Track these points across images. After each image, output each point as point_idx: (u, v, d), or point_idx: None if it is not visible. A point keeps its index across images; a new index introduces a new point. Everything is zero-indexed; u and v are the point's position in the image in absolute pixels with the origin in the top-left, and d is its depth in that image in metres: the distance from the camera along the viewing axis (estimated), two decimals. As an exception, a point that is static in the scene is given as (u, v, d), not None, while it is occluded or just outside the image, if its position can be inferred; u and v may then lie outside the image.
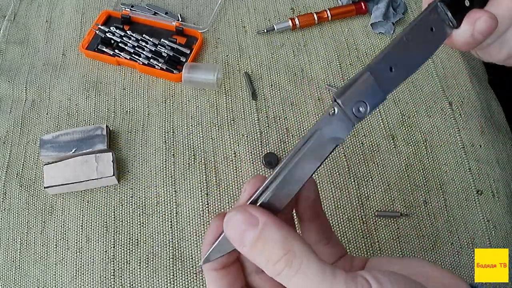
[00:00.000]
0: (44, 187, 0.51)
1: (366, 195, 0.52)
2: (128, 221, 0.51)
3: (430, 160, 0.54)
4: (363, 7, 0.66)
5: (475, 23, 0.29)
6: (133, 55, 0.61)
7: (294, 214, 0.31)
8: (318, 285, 0.23)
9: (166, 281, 0.47)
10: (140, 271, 0.48)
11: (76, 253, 0.49)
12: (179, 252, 0.49)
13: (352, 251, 0.49)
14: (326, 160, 0.27)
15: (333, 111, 0.26)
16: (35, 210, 0.52)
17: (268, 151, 0.55)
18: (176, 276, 0.48)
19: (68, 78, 0.62)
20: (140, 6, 0.68)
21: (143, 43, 0.62)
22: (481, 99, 0.60)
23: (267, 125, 0.57)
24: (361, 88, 0.27)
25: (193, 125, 0.57)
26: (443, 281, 0.26)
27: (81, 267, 0.48)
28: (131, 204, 0.52)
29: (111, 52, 0.62)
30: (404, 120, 0.57)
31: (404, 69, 0.29)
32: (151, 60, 0.61)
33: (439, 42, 0.29)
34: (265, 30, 0.65)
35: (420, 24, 0.29)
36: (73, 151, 0.53)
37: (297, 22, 0.64)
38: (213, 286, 0.27)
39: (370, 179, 0.53)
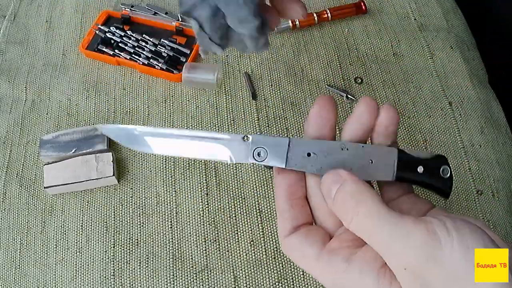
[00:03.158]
0: (44, 187, 0.51)
1: (366, 195, 0.52)
2: (128, 221, 0.51)
3: (430, 160, 0.54)
4: (363, 7, 0.66)
5: None
6: (133, 55, 0.61)
7: None
8: (387, 229, 0.25)
9: (166, 281, 0.47)
10: (140, 271, 0.48)
11: (76, 253, 0.49)
12: (179, 252, 0.49)
13: (352, 251, 0.48)
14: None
15: (247, 139, 0.32)
16: (35, 210, 0.52)
17: (268, 151, 0.55)
18: (176, 276, 0.48)
19: (68, 78, 0.62)
20: (140, 6, 0.68)
21: (143, 43, 0.62)
22: (481, 99, 0.60)
23: (267, 125, 0.57)
24: (274, 143, 0.31)
25: (193, 125, 0.57)
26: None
27: (81, 267, 0.48)
28: (131, 204, 0.52)
29: (111, 52, 0.62)
30: (404, 120, 0.57)
31: (317, 164, 0.31)
32: (151, 60, 0.61)
33: (372, 178, 0.32)
34: (265, 30, 0.65)
35: (368, 150, 0.31)
36: (73, 151, 0.53)
37: (297, 22, 0.64)
38: (281, 218, 0.31)
39: (370, 179, 0.53)
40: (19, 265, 0.49)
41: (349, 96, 0.59)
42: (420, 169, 0.31)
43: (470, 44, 0.68)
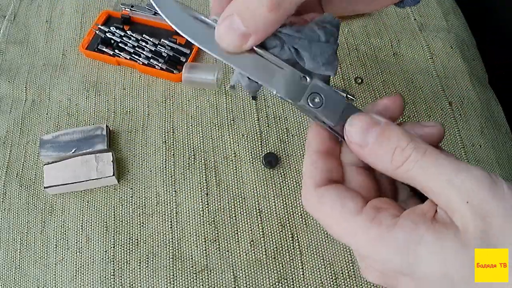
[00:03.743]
0: (44, 187, 0.51)
1: (366, 195, 0.52)
2: (128, 221, 0.51)
3: (430, 160, 0.54)
4: (363, 7, 0.66)
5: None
6: (133, 55, 0.61)
7: None
8: (445, 166, 0.24)
9: (166, 281, 0.47)
10: (140, 271, 0.48)
11: (76, 253, 0.49)
12: (179, 252, 0.49)
13: (352, 251, 0.48)
14: None
15: (305, 79, 0.29)
16: (35, 210, 0.52)
17: (268, 151, 0.55)
18: (176, 276, 0.48)
19: (68, 78, 0.62)
20: (140, 6, 0.68)
21: (143, 43, 0.62)
22: (481, 99, 0.60)
23: (267, 125, 0.57)
24: (333, 97, 0.29)
25: (193, 125, 0.57)
26: None
27: (81, 267, 0.48)
28: (131, 204, 0.52)
29: (111, 52, 0.62)
30: (404, 120, 0.57)
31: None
32: (151, 60, 0.61)
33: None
34: (265, 30, 0.65)
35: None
36: (73, 151, 0.53)
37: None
38: (312, 168, 0.28)
39: (370, 179, 0.53)
40: (19, 265, 0.49)
41: (349, 96, 0.59)
42: None
43: (470, 44, 0.68)
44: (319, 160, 0.29)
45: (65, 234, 0.50)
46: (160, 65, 0.60)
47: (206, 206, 0.52)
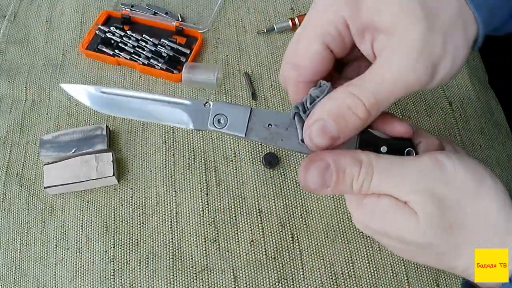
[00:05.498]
0: (44, 187, 0.51)
1: (366, 195, 0.52)
2: (128, 221, 0.51)
3: (430, 160, 0.54)
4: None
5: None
6: (133, 55, 0.61)
7: None
8: (394, 170, 0.28)
9: (166, 281, 0.47)
10: (140, 271, 0.48)
11: (76, 253, 0.49)
12: (179, 252, 0.49)
13: (352, 251, 0.49)
14: None
15: (208, 105, 0.31)
16: (35, 210, 0.52)
17: (268, 151, 0.55)
18: (176, 276, 0.48)
19: (68, 78, 0.62)
20: (140, 6, 0.68)
21: (143, 43, 0.62)
22: (481, 99, 0.60)
23: (267, 125, 0.57)
24: (235, 112, 0.31)
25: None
26: None
27: (81, 267, 0.48)
28: (131, 204, 0.52)
29: (111, 52, 0.62)
30: (404, 120, 0.57)
31: (277, 136, 0.31)
32: (151, 60, 0.61)
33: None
34: (265, 30, 0.65)
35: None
36: (73, 151, 0.53)
37: (297, 22, 0.64)
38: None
39: (370, 179, 0.53)
40: (19, 265, 0.49)
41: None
42: (383, 149, 0.31)
43: (470, 44, 0.68)
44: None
45: (65, 234, 0.50)
46: (160, 65, 0.60)
47: (206, 206, 0.51)
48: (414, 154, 0.31)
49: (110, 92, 0.34)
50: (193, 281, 0.47)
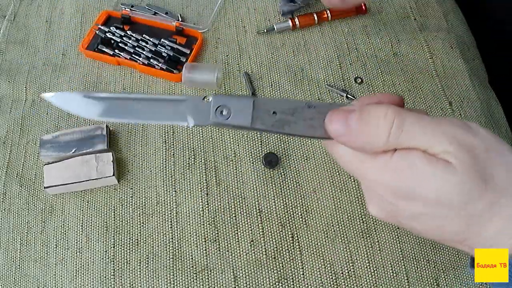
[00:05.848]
0: (44, 187, 0.51)
1: (366, 195, 0.52)
2: (128, 221, 0.51)
3: (430, 160, 0.54)
4: (363, 7, 0.66)
5: None
6: (133, 55, 0.61)
7: None
8: (425, 122, 0.27)
9: (166, 281, 0.47)
10: (140, 271, 0.48)
11: (76, 253, 0.49)
12: (179, 252, 0.49)
13: (352, 251, 0.49)
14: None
15: (207, 99, 0.30)
16: (35, 210, 0.52)
17: (268, 151, 0.55)
18: (176, 276, 0.48)
19: (68, 78, 0.62)
20: (140, 6, 0.68)
21: (143, 43, 0.62)
22: (481, 99, 0.60)
23: (267, 125, 0.57)
24: (238, 102, 0.30)
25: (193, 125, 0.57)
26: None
27: (81, 267, 0.48)
28: (131, 204, 0.52)
29: (111, 52, 0.62)
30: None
31: (282, 124, 0.30)
32: (151, 60, 0.61)
33: (317, 135, 0.31)
34: (265, 30, 0.65)
35: (334, 107, 0.30)
36: (73, 151, 0.53)
37: (297, 22, 0.64)
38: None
39: (370, 179, 0.53)
40: (19, 265, 0.49)
41: (349, 96, 0.59)
42: None
43: (470, 44, 0.68)
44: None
45: (65, 234, 0.50)
46: (160, 65, 0.60)
47: (206, 206, 0.52)
48: None
49: (102, 97, 0.31)
50: (193, 281, 0.47)
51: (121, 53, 0.61)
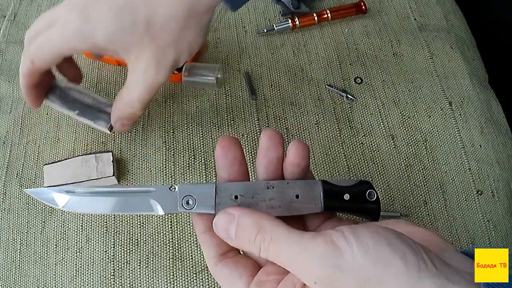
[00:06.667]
0: (44, 187, 0.51)
1: (366, 195, 0.52)
2: (128, 221, 0.51)
3: (430, 160, 0.54)
4: (363, 7, 0.66)
5: None
6: (133, 55, 0.61)
7: None
8: (289, 248, 0.27)
9: (166, 281, 0.47)
10: (140, 271, 0.48)
11: (76, 253, 0.49)
12: (179, 252, 0.49)
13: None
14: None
15: (174, 189, 0.32)
16: (35, 210, 0.52)
17: (268, 151, 0.55)
18: (176, 276, 0.48)
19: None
20: (140, 6, 0.67)
21: (143, 43, 0.62)
22: (481, 99, 0.60)
23: (267, 125, 0.57)
24: (201, 190, 0.32)
25: (193, 125, 0.57)
26: (425, 237, 0.28)
27: (81, 267, 0.48)
28: (131, 204, 0.52)
29: (111, 52, 0.62)
30: (404, 120, 0.57)
31: (245, 205, 0.32)
32: (151, 60, 0.60)
33: (301, 212, 0.32)
34: (265, 30, 0.65)
35: (293, 186, 0.32)
36: (76, 112, 0.50)
37: (297, 22, 0.64)
38: (204, 247, 0.32)
39: (370, 179, 0.53)
40: (19, 265, 0.49)
41: (349, 96, 0.59)
42: (346, 196, 0.32)
43: (470, 44, 0.68)
44: (207, 239, 0.32)
45: (65, 234, 0.50)
46: (160, 65, 0.60)
47: (206, 206, 0.51)
48: (375, 196, 0.33)
49: (76, 192, 0.33)
50: (193, 281, 0.47)
51: (121, 53, 0.61)
